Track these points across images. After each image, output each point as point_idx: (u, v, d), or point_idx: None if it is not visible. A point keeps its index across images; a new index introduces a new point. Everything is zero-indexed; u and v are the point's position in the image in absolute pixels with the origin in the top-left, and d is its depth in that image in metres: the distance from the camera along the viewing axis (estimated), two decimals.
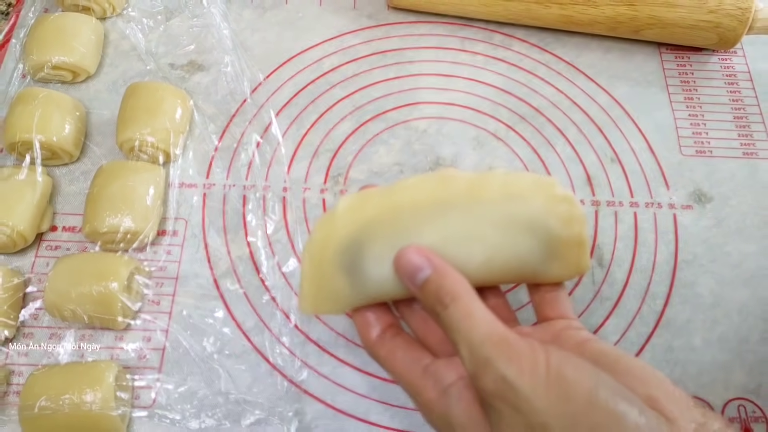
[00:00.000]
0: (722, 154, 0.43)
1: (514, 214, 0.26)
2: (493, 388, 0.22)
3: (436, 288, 0.24)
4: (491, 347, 0.23)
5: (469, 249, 0.26)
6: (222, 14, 0.47)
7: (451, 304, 0.24)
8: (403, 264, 0.25)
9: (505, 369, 0.22)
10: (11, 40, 0.45)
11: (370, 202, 0.27)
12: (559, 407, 0.21)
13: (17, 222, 0.36)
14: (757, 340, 0.37)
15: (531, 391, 0.22)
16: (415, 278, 0.25)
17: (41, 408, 0.31)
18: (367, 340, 0.28)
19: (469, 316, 0.23)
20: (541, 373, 0.22)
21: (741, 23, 0.43)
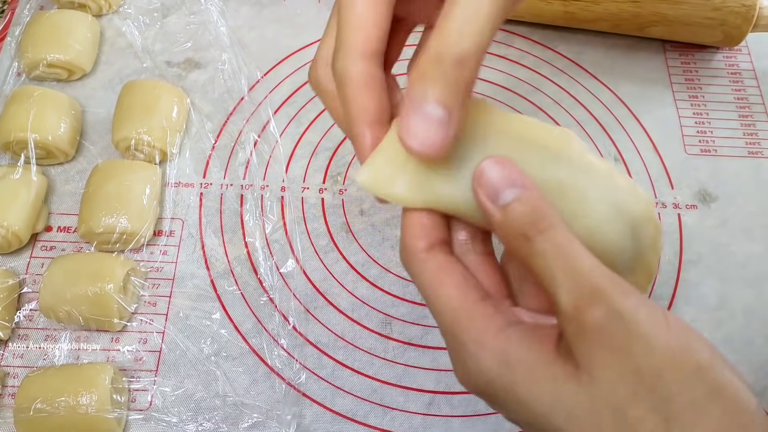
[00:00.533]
0: (727, 153, 0.43)
1: (624, 203, 0.23)
2: (602, 322, 0.18)
3: (529, 209, 0.20)
4: (602, 277, 0.19)
5: (578, 210, 0.22)
6: (219, 11, 0.46)
7: (550, 229, 0.19)
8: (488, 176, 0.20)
9: (621, 302, 0.18)
10: (6, 38, 0.44)
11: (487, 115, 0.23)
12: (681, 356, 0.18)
13: (12, 222, 0.36)
14: (762, 341, 0.36)
15: (650, 333, 0.18)
16: (499, 195, 0.20)
17: (36, 410, 0.31)
18: (413, 246, 0.22)
19: (572, 243, 0.19)
20: (660, 319, 0.18)
21: (746, 21, 0.43)
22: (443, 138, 0.20)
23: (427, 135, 0.20)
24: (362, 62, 0.21)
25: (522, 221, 0.20)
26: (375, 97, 0.22)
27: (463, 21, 0.19)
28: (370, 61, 0.22)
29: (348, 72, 0.21)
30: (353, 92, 0.21)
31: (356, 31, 0.21)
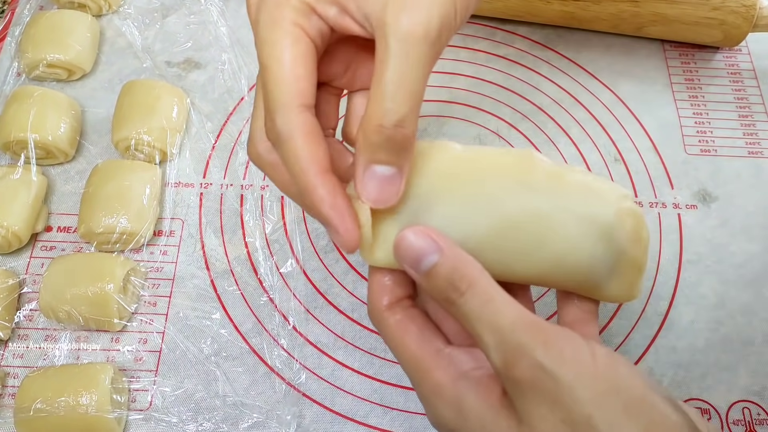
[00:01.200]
0: (727, 153, 0.43)
1: (596, 215, 0.23)
2: (529, 377, 0.19)
3: (448, 272, 0.21)
4: (524, 332, 0.20)
5: (542, 238, 0.23)
6: (219, 11, 0.46)
7: (469, 290, 0.21)
8: (405, 247, 0.22)
9: (542, 356, 0.19)
10: (6, 38, 0.44)
11: (441, 154, 0.24)
12: (608, 400, 0.19)
13: (12, 222, 0.36)
14: (761, 341, 0.36)
15: (575, 380, 0.19)
16: (420, 264, 0.22)
17: (36, 410, 0.31)
18: (376, 305, 0.24)
19: (492, 301, 0.21)
20: (587, 362, 0.19)
21: (746, 20, 0.42)
22: (396, 191, 0.22)
23: (381, 192, 0.22)
24: (302, 114, 0.22)
25: (443, 286, 0.21)
26: (321, 147, 0.22)
27: (396, 87, 0.20)
28: (309, 113, 0.22)
29: (291, 126, 0.22)
30: (301, 144, 0.22)
31: (288, 87, 0.22)
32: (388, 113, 0.20)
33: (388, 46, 0.20)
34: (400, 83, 0.20)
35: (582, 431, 0.19)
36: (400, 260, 0.22)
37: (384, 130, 0.21)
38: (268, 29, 0.22)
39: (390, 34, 0.20)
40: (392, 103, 0.20)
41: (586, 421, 0.19)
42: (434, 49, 0.21)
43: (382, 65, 0.20)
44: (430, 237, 0.22)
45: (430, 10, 0.20)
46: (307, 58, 0.22)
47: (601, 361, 0.20)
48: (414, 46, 0.20)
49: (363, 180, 0.22)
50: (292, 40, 0.22)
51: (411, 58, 0.20)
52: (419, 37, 0.20)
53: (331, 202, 0.22)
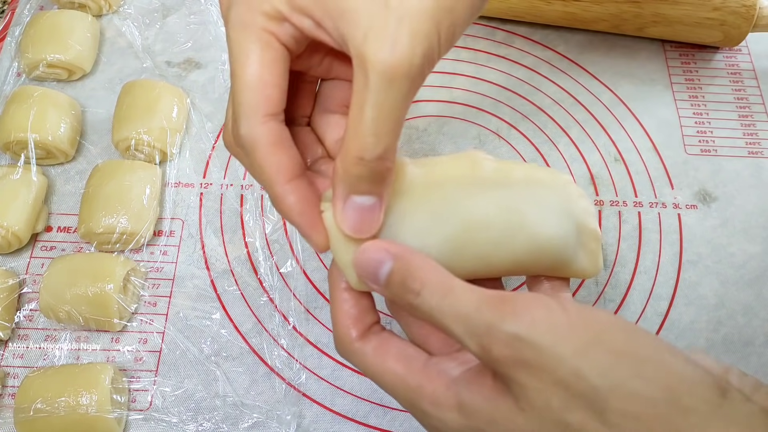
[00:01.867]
0: (727, 153, 0.43)
1: (547, 197, 0.24)
2: (508, 353, 0.19)
3: (401, 277, 0.21)
4: (489, 310, 0.19)
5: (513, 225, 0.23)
6: (219, 11, 0.46)
7: (424, 288, 0.21)
8: (362, 264, 0.22)
9: (514, 326, 0.19)
10: (6, 38, 0.44)
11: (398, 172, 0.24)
12: (590, 348, 0.18)
13: (12, 222, 0.36)
14: (762, 342, 0.36)
15: (552, 340, 0.18)
16: (378, 275, 0.21)
17: (36, 411, 0.31)
18: (346, 336, 0.23)
19: (450, 291, 0.20)
20: (559, 318, 0.19)
21: (746, 21, 0.42)
22: (376, 220, 0.22)
23: (362, 221, 0.22)
24: (266, 124, 0.21)
25: (400, 291, 0.21)
26: (287, 155, 0.22)
27: (377, 122, 0.20)
28: (274, 121, 0.22)
29: (254, 136, 0.22)
30: (264, 155, 0.22)
31: (254, 94, 0.21)
32: (369, 147, 0.20)
33: (368, 81, 0.20)
34: (381, 118, 0.20)
35: (575, 387, 0.18)
36: (363, 278, 0.22)
37: (365, 163, 0.20)
38: (238, 31, 0.21)
39: (370, 69, 0.19)
40: (374, 138, 0.20)
41: (575, 375, 0.18)
42: (416, 83, 0.20)
43: (362, 99, 0.20)
44: (383, 247, 0.22)
45: (413, 46, 0.19)
46: (276, 64, 0.21)
47: (575, 314, 0.19)
48: (395, 82, 0.20)
49: (343, 211, 0.22)
50: (261, 45, 0.21)
51: (392, 94, 0.20)
52: (401, 74, 0.20)
53: (299, 210, 0.22)
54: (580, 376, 0.18)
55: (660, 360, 0.19)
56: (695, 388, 0.18)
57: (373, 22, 0.20)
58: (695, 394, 0.18)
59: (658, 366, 0.18)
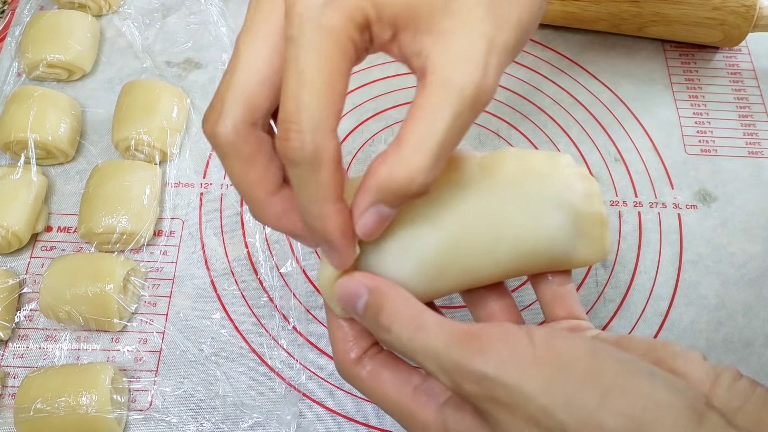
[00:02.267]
0: (727, 153, 0.43)
1: (537, 191, 0.23)
2: (478, 391, 0.19)
3: (374, 313, 0.21)
4: (458, 349, 0.20)
5: (496, 232, 0.23)
6: (219, 11, 0.46)
7: (393, 324, 0.21)
8: (341, 297, 0.22)
9: (481, 366, 0.19)
10: (6, 38, 0.44)
11: None
12: (556, 383, 0.18)
13: (12, 222, 0.36)
14: (762, 342, 0.36)
15: (519, 378, 0.19)
16: (356, 308, 0.22)
17: (36, 411, 0.31)
18: (344, 360, 0.24)
19: (420, 329, 0.21)
20: (526, 353, 0.19)
21: (746, 20, 0.42)
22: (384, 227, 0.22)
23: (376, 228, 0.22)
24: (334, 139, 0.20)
25: (374, 326, 0.22)
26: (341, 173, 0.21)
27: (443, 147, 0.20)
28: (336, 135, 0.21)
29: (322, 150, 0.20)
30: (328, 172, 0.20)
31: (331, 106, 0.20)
32: (426, 169, 0.20)
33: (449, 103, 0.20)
34: (447, 142, 0.20)
35: (546, 424, 0.18)
36: (346, 310, 0.23)
37: (416, 183, 0.20)
38: (319, 33, 0.20)
39: (455, 92, 0.20)
40: (434, 161, 0.20)
41: (544, 412, 0.18)
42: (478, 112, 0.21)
43: (434, 119, 0.20)
44: (359, 281, 0.22)
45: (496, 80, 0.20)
46: (348, 75, 0.20)
47: (540, 346, 0.19)
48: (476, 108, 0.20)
49: (365, 215, 0.21)
50: (341, 53, 0.20)
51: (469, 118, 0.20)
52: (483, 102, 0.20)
53: (343, 230, 0.21)
54: (549, 414, 0.18)
55: (625, 386, 0.18)
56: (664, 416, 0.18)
57: (469, 47, 0.20)
58: (664, 422, 0.18)
59: (624, 393, 0.18)
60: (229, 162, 0.22)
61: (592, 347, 0.19)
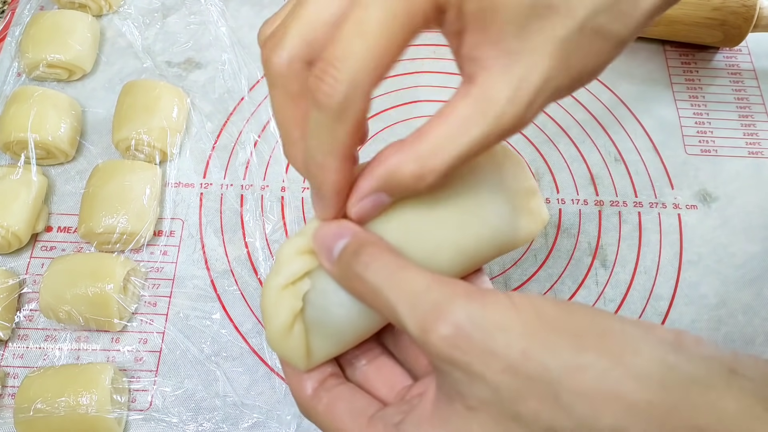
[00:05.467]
0: (727, 153, 0.42)
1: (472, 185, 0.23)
2: (452, 334, 0.17)
3: (354, 249, 0.20)
4: (440, 289, 0.18)
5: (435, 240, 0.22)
6: (219, 11, 0.46)
7: (376, 261, 0.20)
8: (320, 236, 0.21)
9: (464, 305, 0.18)
10: (6, 38, 0.44)
11: None
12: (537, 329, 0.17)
13: (12, 222, 0.36)
14: (762, 341, 0.36)
15: (501, 320, 0.17)
16: (332, 249, 0.21)
17: (36, 411, 0.31)
18: (301, 397, 0.23)
19: (402, 269, 0.19)
20: (505, 301, 0.18)
21: (746, 21, 0.42)
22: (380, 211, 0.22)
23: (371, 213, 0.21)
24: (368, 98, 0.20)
25: (351, 261, 0.20)
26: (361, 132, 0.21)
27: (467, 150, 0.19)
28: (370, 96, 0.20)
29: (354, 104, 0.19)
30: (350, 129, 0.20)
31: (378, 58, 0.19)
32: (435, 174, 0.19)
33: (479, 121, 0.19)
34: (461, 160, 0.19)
35: (526, 371, 0.17)
36: (318, 255, 0.22)
37: (420, 183, 0.20)
38: None
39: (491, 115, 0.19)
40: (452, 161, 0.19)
41: (524, 356, 0.17)
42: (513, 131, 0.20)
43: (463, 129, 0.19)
44: (345, 225, 0.21)
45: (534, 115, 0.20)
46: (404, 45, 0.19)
47: (516, 297, 0.18)
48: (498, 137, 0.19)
49: (364, 200, 0.21)
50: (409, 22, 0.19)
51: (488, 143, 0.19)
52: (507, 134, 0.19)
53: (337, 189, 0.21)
54: (529, 357, 0.17)
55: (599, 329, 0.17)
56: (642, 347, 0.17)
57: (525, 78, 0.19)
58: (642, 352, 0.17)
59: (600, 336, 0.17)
60: (275, 92, 0.21)
61: (555, 300, 0.19)
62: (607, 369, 0.17)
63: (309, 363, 0.23)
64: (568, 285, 0.38)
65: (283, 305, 0.22)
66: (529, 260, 0.38)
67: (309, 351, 0.23)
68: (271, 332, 0.22)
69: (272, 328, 0.22)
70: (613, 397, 0.16)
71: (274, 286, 0.22)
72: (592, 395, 0.16)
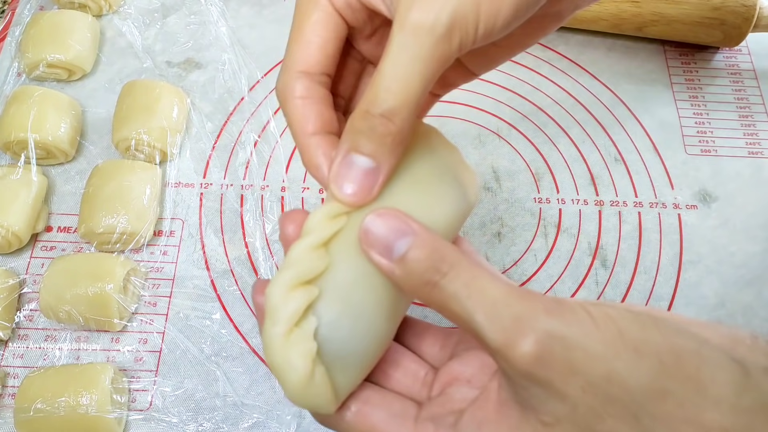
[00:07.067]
0: (727, 153, 0.43)
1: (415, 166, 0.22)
2: (537, 349, 0.17)
3: (428, 254, 0.19)
4: (520, 303, 0.18)
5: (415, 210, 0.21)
6: (219, 11, 0.46)
7: (453, 269, 0.19)
8: (378, 229, 0.20)
9: (547, 323, 0.17)
10: (6, 38, 0.44)
11: None
12: (620, 348, 0.17)
13: (12, 222, 0.36)
14: None
15: (585, 338, 0.17)
16: (393, 248, 0.19)
17: (37, 411, 0.31)
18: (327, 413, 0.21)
19: (478, 277, 0.19)
20: (584, 316, 0.18)
21: (746, 21, 0.42)
22: (371, 188, 0.20)
23: (356, 183, 0.20)
24: (299, 79, 0.22)
25: (423, 268, 0.19)
26: (314, 111, 0.22)
27: (392, 79, 0.19)
28: (311, 80, 0.22)
29: (286, 88, 0.22)
30: (292, 107, 0.22)
31: (297, 51, 0.22)
32: (376, 101, 0.20)
33: (392, 36, 0.19)
34: (395, 75, 0.19)
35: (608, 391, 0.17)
36: (368, 249, 0.20)
37: (369, 117, 0.20)
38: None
39: (397, 24, 0.19)
40: (384, 93, 0.19)
41: (607, 378, 0.17)
42: (440, 47, 0.19)
43: (384, 54, 0.20)
44: (400, 218, 0.20)
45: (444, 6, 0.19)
46: (324, 27, 0.22)
47: (594, 311, 0.18)
48: (417, 38, 0.19)
49: (339, 168, 0.20)
50: (317, 8, 0.22)
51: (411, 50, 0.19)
52: (424, 30, 0.19)
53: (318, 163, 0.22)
54: (611, 379, 0.17)
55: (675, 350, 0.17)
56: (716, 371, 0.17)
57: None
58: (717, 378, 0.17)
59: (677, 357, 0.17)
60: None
61: (634, 311, 0.18)
62: (688, 395, 0.17)
63: (338, 402, 0.21)
64: (568, 285, 0.38)
65: (296, 353, 0.19)
66: (529, 260, 0.38)
67: (335, 390, 0.21)
68: (291, 388, 0.20)
69: (292, 383, 0.20)
70: (693, 423, 0.17)
71: (277, 335, 0.19)
72: (672, 421, 0.17)
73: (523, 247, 0.39)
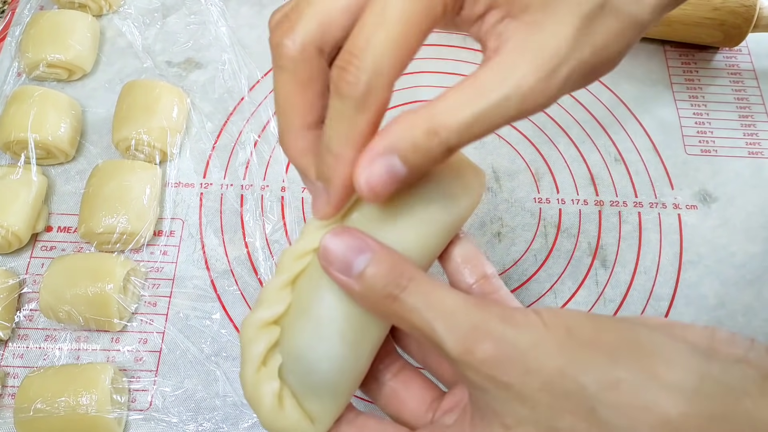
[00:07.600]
0: (727, 153, 0.43)
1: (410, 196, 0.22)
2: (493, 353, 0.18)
3: (387, 269, 0.20)
4: (477, 311, 0.19)
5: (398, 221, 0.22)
6: (220, 11, 0.46)
7: (412, 282, 0.19)
8: (336, 249, 0.20)
9: (502, 328, 0.18)
10: (6, 38, 0.44)
11: None
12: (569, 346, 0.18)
13: (12, 222, 0.36)
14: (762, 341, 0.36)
15: (537, 340, 0.18)
16: (352, 265, 0.20)
17: (36, 411, 0.31)
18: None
19: (437, 289, 0.19)
20: (536, 320, 0.18)
21: (746, 21, 0.43)
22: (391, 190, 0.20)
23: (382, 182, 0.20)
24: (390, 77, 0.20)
25: (383, 283, 0.20)
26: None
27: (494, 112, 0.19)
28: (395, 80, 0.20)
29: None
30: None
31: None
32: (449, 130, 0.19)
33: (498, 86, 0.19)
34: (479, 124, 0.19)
35: (562, 387, 0.17)
36: (328, 266, 0.20)
37: (435, 135, 0.19)
38: None
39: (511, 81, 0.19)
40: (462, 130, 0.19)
41: (560, 374, 0.17)
42: None
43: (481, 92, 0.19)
44: (357, 237, 0.20)
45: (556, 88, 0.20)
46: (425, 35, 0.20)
47: (545, 315, 0.19)
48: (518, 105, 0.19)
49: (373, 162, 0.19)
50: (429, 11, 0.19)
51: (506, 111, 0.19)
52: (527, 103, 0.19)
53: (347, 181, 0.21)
54: (565, 374, 0.17)
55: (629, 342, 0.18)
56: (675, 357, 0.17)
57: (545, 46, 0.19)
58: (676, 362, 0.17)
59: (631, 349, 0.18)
60: (283, 77, 0.20)
61: (585, 314, 0.19)
62: (641, 382, 0.17)
63: (320, 428, 0.22)
64: (568, 285, 0.38)
65: (263, 391, 0.21)
66: (529, 260, 0.38)
67: (312, 417, 0.22)
68: (263, 420, 0.22)
69: (263, 415, 0.22)
70: (648, 410, 0.17)
71: (247, 375, 0.22)
72: (627, 409, 0.17)
73: (523, 247, 0.39)
